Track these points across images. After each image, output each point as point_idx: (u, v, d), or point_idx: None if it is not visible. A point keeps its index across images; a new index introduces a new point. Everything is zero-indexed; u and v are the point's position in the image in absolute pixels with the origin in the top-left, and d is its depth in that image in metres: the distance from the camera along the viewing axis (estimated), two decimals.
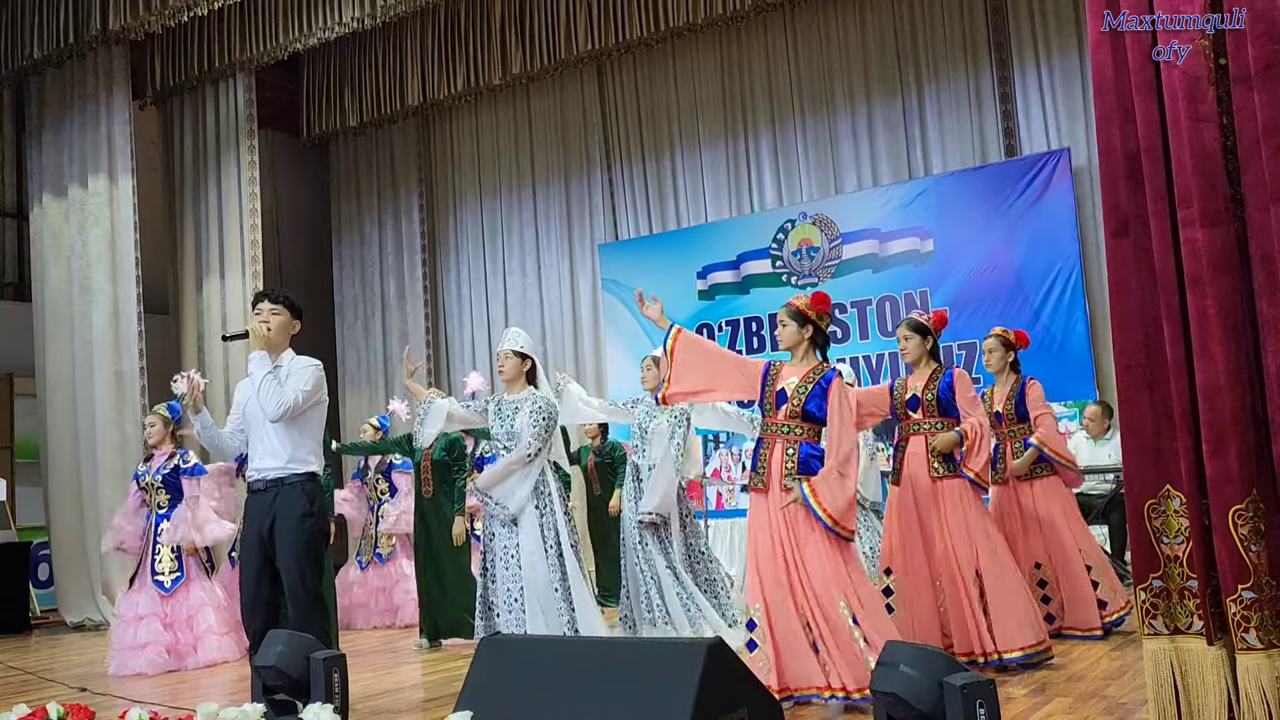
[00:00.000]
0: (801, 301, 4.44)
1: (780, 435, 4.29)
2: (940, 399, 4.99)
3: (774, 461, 4.27)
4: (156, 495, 6.55)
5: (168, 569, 6.45)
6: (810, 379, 4.29)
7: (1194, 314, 3.45)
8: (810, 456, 4.23)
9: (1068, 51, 8.91)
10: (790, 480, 4.19)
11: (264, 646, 3.92)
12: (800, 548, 4.13)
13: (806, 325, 4.38)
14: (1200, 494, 3.45)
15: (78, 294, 9.01)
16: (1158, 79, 3.59)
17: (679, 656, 2.97)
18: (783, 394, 4.31)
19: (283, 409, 4.22)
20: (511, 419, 5.11)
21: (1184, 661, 3.51)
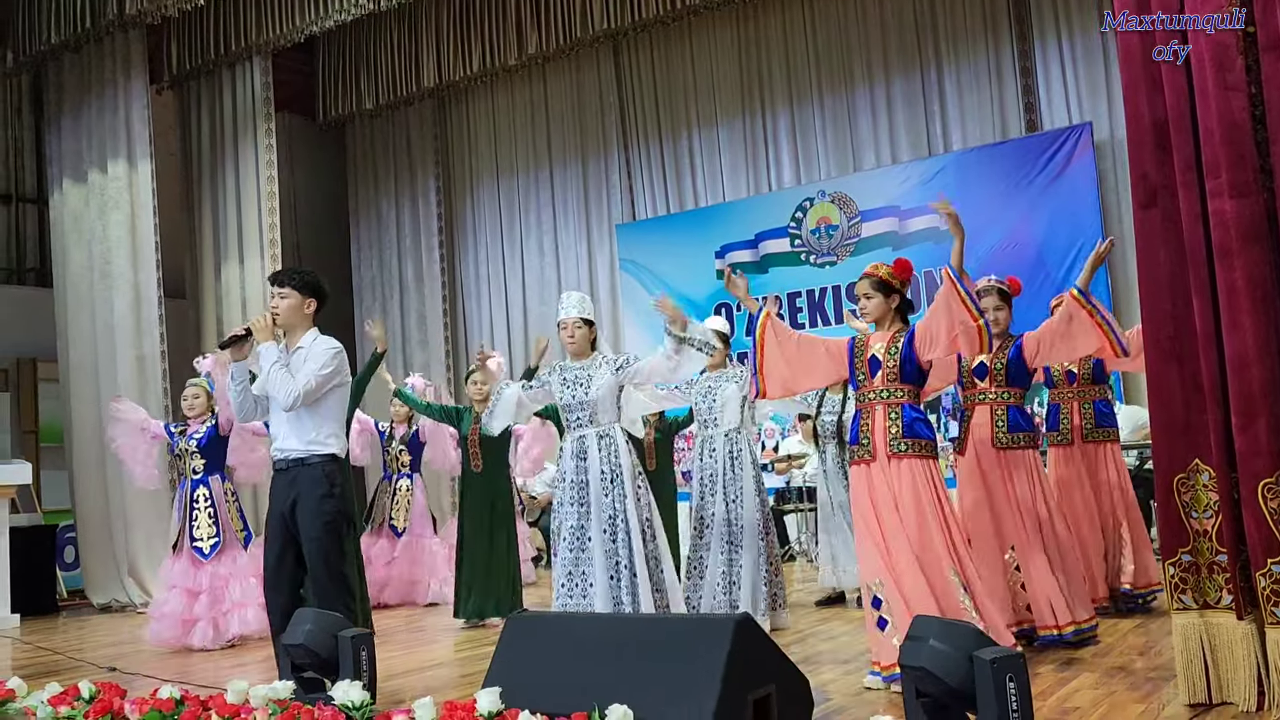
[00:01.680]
0: (884, 270, 4.33)
1: (881, 401, 4.19)
2: (1010, 367, 4.88)
3: (877, 430, 4.16)
4: (192, 460, 6.56)
5: (206, 535, 6.48)
6: (897, 340, 4.21)
7: (1223, 286, 3.42)
8: (915, 419, 4.13)
9: (1089, 25, 8.82)
10: (898, 446, 4.08)
11: (292, 625, 3.94)
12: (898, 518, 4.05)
13: (893, 295, 4.29)
14: (1230, 468, 3.43)
15: (98, 279, 9.05)
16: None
17: (707, 632, 2.97)
18: (875, 360, 4.23)
19: (293, 397, 4.19)
20: (586, 386, 4.84)
21: (1213, 636, 3.50)
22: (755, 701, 2.89)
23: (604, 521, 4.70)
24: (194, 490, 6.55)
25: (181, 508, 6.60)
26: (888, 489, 4.10)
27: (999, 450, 4.81)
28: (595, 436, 4.81)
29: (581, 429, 4.85)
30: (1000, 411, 4.87)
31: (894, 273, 4.33)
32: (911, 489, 4.05)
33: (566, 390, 4.89)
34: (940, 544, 3.99)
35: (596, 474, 4.74)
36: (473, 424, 6.59)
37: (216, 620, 6.33)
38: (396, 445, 8.05)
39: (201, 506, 6.51)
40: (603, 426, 4.82)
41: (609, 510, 4.71)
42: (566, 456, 4.87)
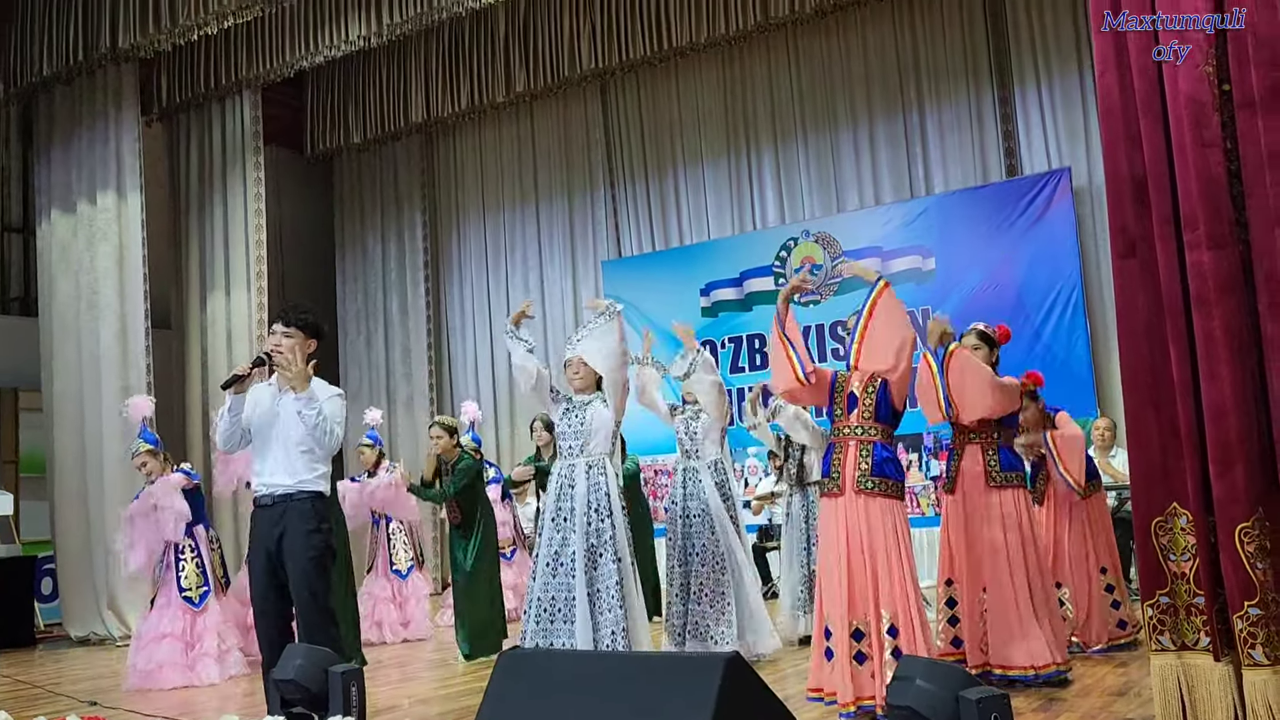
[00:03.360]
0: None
1: (855, 437, 4.30)
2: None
3: (848, 463, 4.27)
4: None
5: (195, 584, 6.47)
6: (875, 380, 4.34)
7: (1200, 335, 3.51)
8: (884, 460, 4.23)
9: (1068, 72, 9.01)
10: (866, 483, 4.20)
11: (283, 660, 3.96)
12: (863, 554, 4.14)
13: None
14: (1207, 512, 3.51)
15: (85, 309, 9.05)
16: (1163, 104, 3.67)
17: (697, 670, 3.00)
18: (853, 397, 4.34)
19: (334, 447, 4.35)
20: (584, 416, 4.95)
21: (1191, 677, 3.56)
22: None
23: (586, 550, 4.76)
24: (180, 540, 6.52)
25: (166, 557, 6.54)
26: (856, 524, 4.20)
27: (990, 489, 4.87)
28: (584, 465, 4.89)
29: (572, 458, 4.94)
30: (991, 451, 4.94)
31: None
32: (877, 528, 4.16)
33: (564, 419, 5.00)
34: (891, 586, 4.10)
35: (582, 502, 4.81)
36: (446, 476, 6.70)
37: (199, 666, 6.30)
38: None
39: (188, 557, 6.50)
40: (593, 457, 4.91)
41: (593, 539, 4.78)
42: (552, 484, 4.96)
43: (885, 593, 4.09)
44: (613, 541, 4.79)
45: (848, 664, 4.05)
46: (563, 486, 4.89)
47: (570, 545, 4.79)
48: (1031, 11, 9.26)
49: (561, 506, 4.86)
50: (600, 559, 4.77)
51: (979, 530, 4.85)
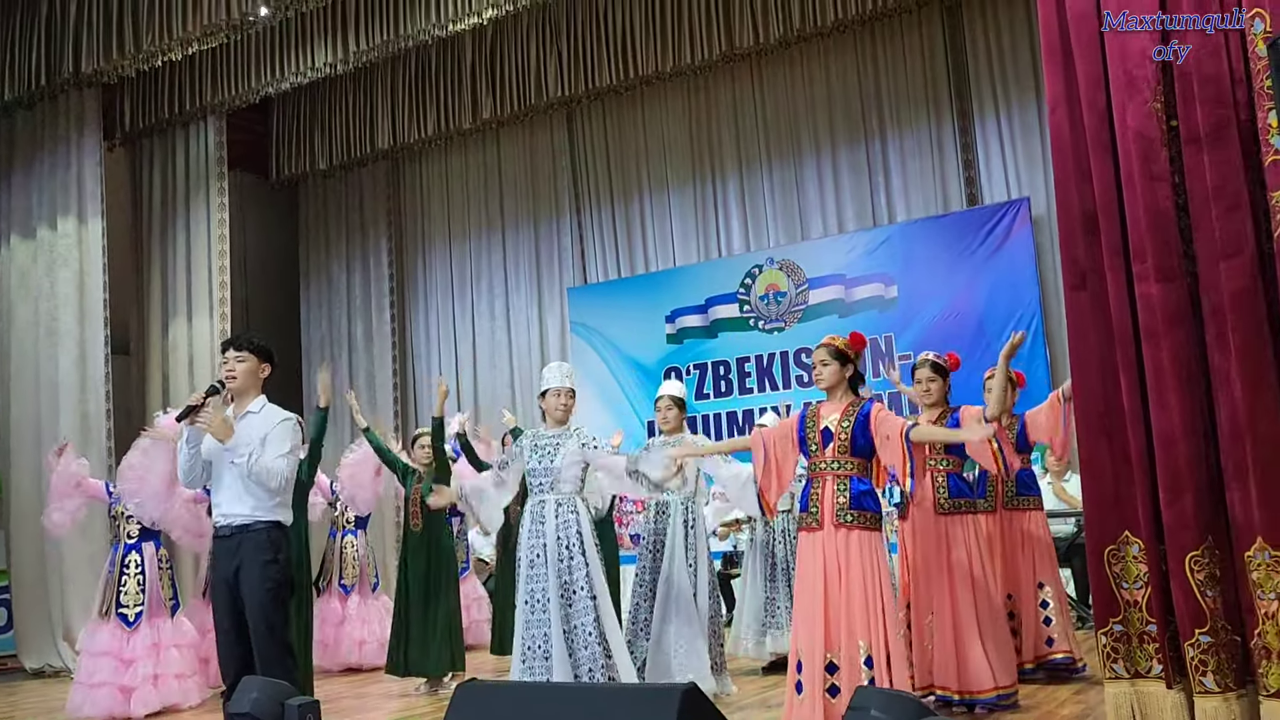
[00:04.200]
0: (840, 341, 4.51)
1: (831, 473, 4.32)
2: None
3: (825, 499, 4.29)
4: (127, 525, 6.44)
5: (132, 602, 6.35)
6: (851, 413, 4.35)
7: (1149, 365, 3.58)
8: (862, 493, 4.26)
9: (1026, 102, 9.16)
10: (844, 517, 4.22)
11: (238, 692, 3.90)
12: (842, 588, 4.15)
13: (848, 364, 4.46)
14: (1158, 540, 3.57)
15: (44, 335, 8.95)
16: (1113, 140, 3.75)
17: (654, 701, 3.00)
18: (828, 432, 4.36)
19: (280, 484, 4.26)
20: (554, 454, 4.95)
21: (1144, 704, 3.61)
22: None
23: (559, 587, 4.75)
24: (126, 555, 6.42)
25: (112, 571, 6.45)
26: (835, 557, 4.20)
27: (940, 515, 4.97)
28: (554, 503, 4.89)
29: (543, 494, 4.94)
30: (941, 479, 5.03)
31: (850, 344, 4.51)
32: (855, 561, 4.16)
33: (535, 455, 4.99)
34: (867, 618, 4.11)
35: (553, 539, 4.81)
36: (415, 484, 6.64)
37: (151, 686, 6.20)
38: (342, 503, 8.01)
39: (131, 573, 6.39)
40: (563, 495, 4.91)
41: (565, 576, 4.77)
42: (524, 521, 4.95)
43: (862, 625, 4.10)
44: (587, 580, 4.79)
45: (820, 697, 4.06)
46: (534, 524, 4.90)
47: (545, 584, 4.79)
48: (990, 43, 9.42)
49: (534, 544, 4.87)
50: (575, 596, 4.77)
51: (927, 555, 4.94)
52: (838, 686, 4.06)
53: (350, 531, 8.00)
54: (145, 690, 6.17)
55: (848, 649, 4.07)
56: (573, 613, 4.74)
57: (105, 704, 6.11)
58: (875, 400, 4.43)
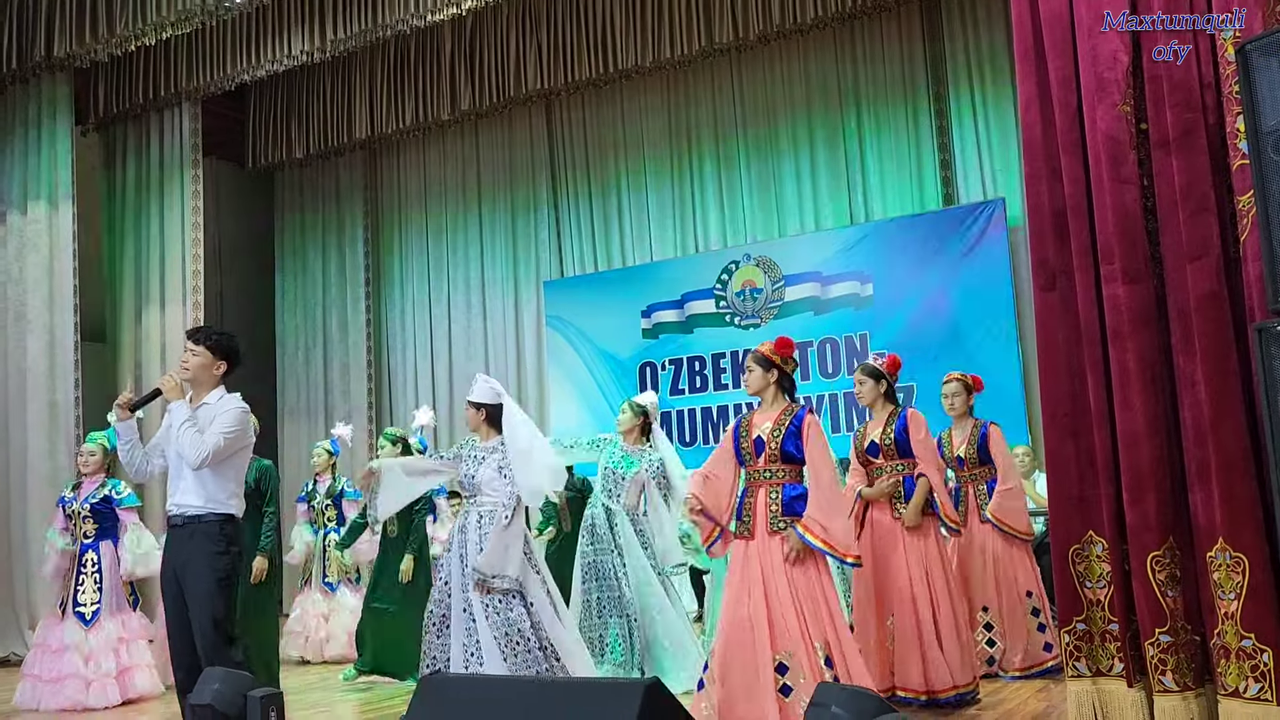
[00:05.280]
0: (766, 347, 4.52)
1: (764, 481, 4.34)
2: (898, 441, 5.13)
3: (758, 507, 4.31)
4: (84, 525, 6.40)
5: (89, 600, 6.32)
6: (783, 421, 4.36)
7: (1115, 366, 3.60)
8: (794, 498, 4.28)
9: (1003, 104, 9.19)
10: (777, 524, 4.24)
11: (200, 683, 3.88)
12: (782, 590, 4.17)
13: (772, 369, 4.46)
14: (1121, 540, 3.60)
15: (12, 321, 8.85)
16: (1083, 141, 3.77)
17: (616, 696, 3.00)
18: (760, 441, 4.38)
19: (202, 457, 4.14)
20: (476, 467, 4.94)
21: (1105, 703, 3.64)
22: None
23: (464, 601, 4.76)
24: (83, 554, 6.38)
25: (68, 568, 6.41)
26: (770, 565, 4.22)
27: (895, 520, 5.04)
28: (476, 516, 4.89)
29: (469, 505, 4.96)
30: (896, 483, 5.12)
31: (776, 350, 4.51)
32: (795, 565, 4.18)
33: (463, 465, 4.99)
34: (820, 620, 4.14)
35: (474, 550, 4.79)
36: None
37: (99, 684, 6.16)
38: (321, 500, 7.96)
39: (89, 571, 6.35)
40: (484, 507, 4.89)
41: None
42: (454, 530, 4.98)
43: (815, 627, 4.12)
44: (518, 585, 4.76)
45: (773, 696, 4.06)
46: (459, 533, 4.92)
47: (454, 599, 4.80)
48: (969, 43, 9.44)
49: (454, 554, 4.88)
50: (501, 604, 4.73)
51: (885, 559, 5.00)
52: (790, 686, 4.07)
53: (333, 529, 7.94)
54: (108, 684, 6.15)
55: (805, 651, 4.07)
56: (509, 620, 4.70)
57: (64, 699, 6.07)
58: (808, 410, 4.45)
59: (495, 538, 4.72)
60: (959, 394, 5.92)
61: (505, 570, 4.70)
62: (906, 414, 5.18)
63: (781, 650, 4.11)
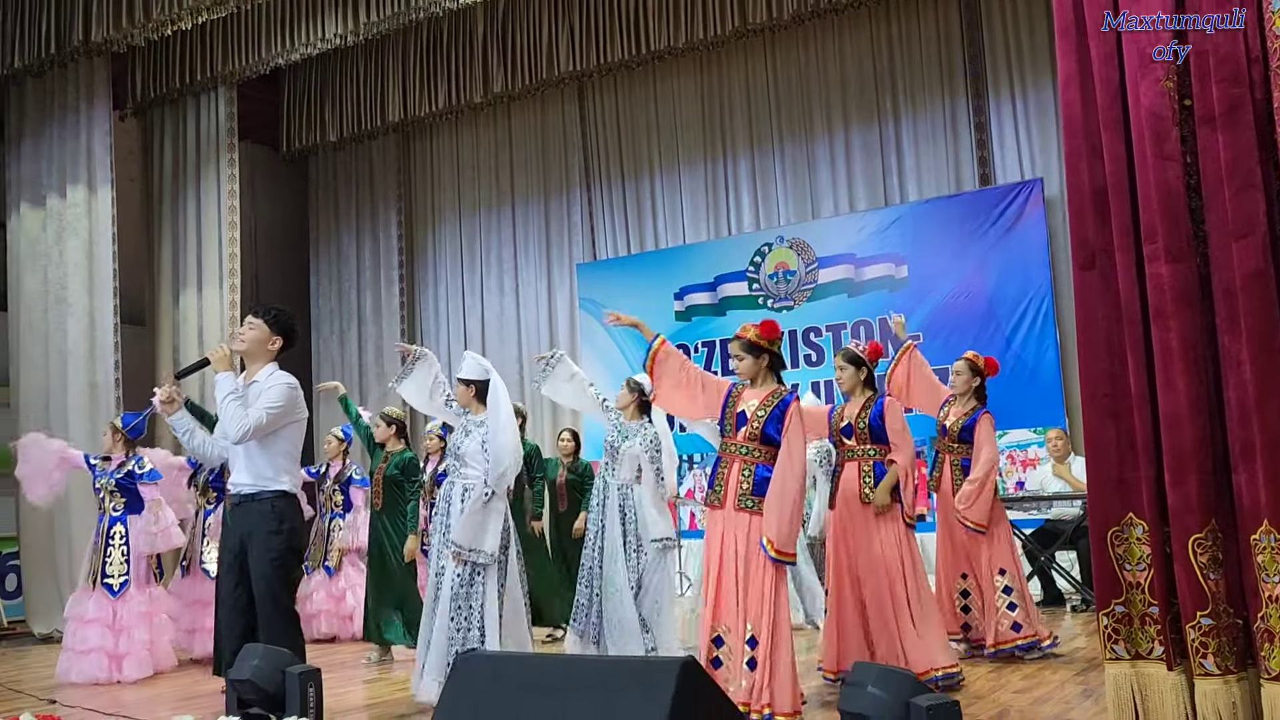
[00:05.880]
0: (752, 333, 4.57)
1: (739, 456, 4.42)
2: (872, 426, 5.17)
3: (730, 480, 4.40)
4: (112, 499, 6.61)
5: (116, 572, 6.48)
6: (769, 402, 4.41)
7: (1158, 346, 3.55)
8: (765, 479, 4.33)
9: (1042, 84, 9.08)
10: (746, 502, 4.33)
11: (239, 660, 3.94)
12: (735, 568, 4.27)
13: (763, 355, 4.52)
14: (1162, 522, 3.55)
15: (53, 304, 8.97)
16: (1125, 118, 3.70)
17: (653, 675, 3.01)
18: (743, 416, 4.43)
19: (243, 431, 4.17)
20: (464, 438, 5.04)
21: (1145, 686, 3.59)
22: None
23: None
24: (110, 527, 6.57)
25: (97, 542, 6.60)
26: (733, 540, 4.31)
27: (865, 504, 5.07)
28: (461, 488, 4.97)
29: (453, 477, 5.06)
30: (867, 467, 5.15)
31: (761, 334, 4.56)
32: (751, 543, 4.25)
33: (455, 436, 5.10)
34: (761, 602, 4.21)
35: (455, 521, 4.89)
36: (380, 463, 6.75)
37: (145, 652, 6.36)
38: (330, 485, 8.03)
39: (116, 544, 6.53)
40: (467, 480, 4.96)
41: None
42: (439, 500, 5.11)
43: (755, 608, 4.20)
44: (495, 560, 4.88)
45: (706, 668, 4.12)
46: (445, 504, 5.04)
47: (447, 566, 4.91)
48: (1007, 23, 9.33)
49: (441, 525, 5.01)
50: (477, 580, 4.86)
51: (854, 539, 5.04)
52: (721, 660, 4.21)
53: (338, 514, 8.00)
54: (140, 655, 6.33)
55: (737, 626, 4.18)
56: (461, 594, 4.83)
57: (93, 670, 6.25)
58: (795, 398, 4.45)
59: (472, 512, 4.82)
60: (962, 373, 5.98)
61: (481, 545, 4.79)
62: (884, 401, 5.22)
63: (721, 624, 4.22)
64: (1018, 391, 8.47)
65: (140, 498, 6.62)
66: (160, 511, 6.63)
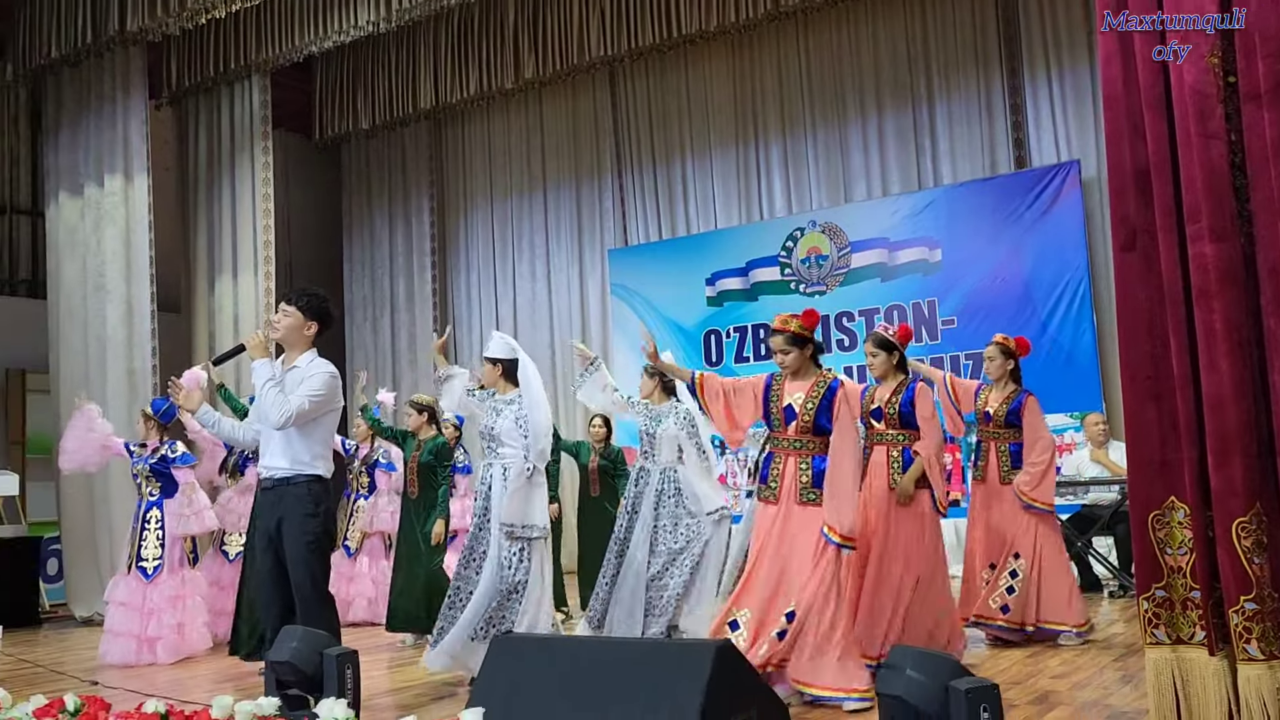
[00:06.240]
0: (794, 325, 4.52)
1: (793, 451, 4.39)
2: (902, 412, 5.14)
3: (787, 476, 4.37)
4: (148, 484, 6.71)
5: (151, 555, 6.58)
6: (816, 393, 4.39)
7: (1201, 327, 3.49)
8: (824, 471, 4.31)
9: (1079, 63, 8.96)
10: (807, 495, 4.30)
11: (278, 642, 3.97)
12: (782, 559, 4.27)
13: (807, 345, 4.49)
14: (1204, 506, 3.49)
15: (91, 291, 9.07)
16: (1167, 95, 3.64)
17: (688, 657, 3.01)
18: (791, 410, 4.40)
19: (285, 417, 4.20)
20: (495, 418, 5.05)
21: (1186, 671, 3.55)
22: None
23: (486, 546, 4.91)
24: (147, 511, 6.67)
25: (135, 526, 6.71)
26: (785, 532, 4.31)
27: (892, 489, 5.05)
28: (500, 468, 4.97)
29: (490, 458, 5.06)
30: (895, 454, 5.12)
31: (804, 324, 4.53)
32: (812, 536, 4.24)
33: (485, 418, 5.10)
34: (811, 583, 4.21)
35: (497, 502, 4.90)
36: (414, 450, 6.76)
37: (177, 635, 6.44)
38: (358, 466, 8.09)
39: (151, 528, 6.63)
40: (505, 459, 4.97)
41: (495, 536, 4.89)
42: (477, 483, 5.13)
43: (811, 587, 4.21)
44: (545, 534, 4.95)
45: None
46: (483, 487, 5.05)
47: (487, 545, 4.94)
48: (1043, 2, 9.21)
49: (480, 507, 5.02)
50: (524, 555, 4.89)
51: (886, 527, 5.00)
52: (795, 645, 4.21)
53: (364, 496, 8.06)
54: (171, 638, 6.41)
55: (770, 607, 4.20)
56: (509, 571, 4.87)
57: (126, 653, 6.36)
58: (841, 383, 4.42)
59: (517, 489, 4.84)
60: (995, 357, 5.92)
61: (532, 520, 4.83)
62: (915, 387, 5.18)
63: (740, 610, 4.25)
64: (1054, 376, 8.38)
65: (175, 481, 6.71)
66: (194, 494, 6.72)
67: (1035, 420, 5.77)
